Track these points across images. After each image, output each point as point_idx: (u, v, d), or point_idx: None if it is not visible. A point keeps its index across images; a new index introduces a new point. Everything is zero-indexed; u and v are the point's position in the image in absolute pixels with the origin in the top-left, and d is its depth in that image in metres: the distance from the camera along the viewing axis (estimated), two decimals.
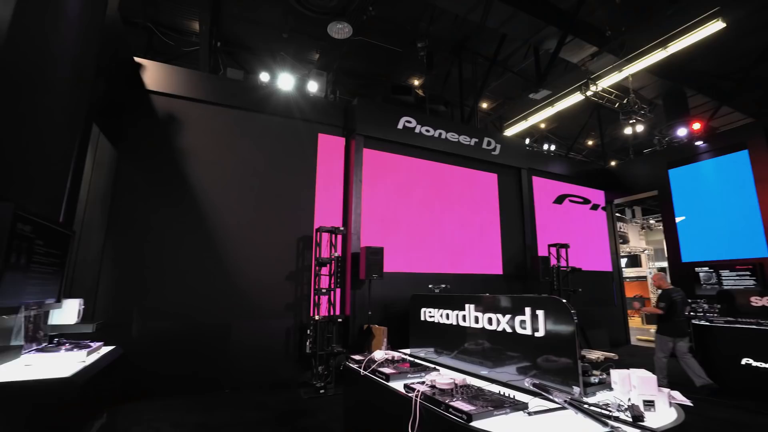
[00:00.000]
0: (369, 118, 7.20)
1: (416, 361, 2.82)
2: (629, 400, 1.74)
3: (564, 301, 1.97)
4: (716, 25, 7.68)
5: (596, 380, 1.99)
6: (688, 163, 9.27)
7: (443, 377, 2.03)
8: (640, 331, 12.93)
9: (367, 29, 9.06)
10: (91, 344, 2.65)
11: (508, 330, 2.29)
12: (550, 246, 8.33)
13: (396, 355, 2.82)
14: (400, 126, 7.48)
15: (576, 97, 10.59)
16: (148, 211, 5.50)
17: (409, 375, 2.33)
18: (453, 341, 2.79)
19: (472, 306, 2.58)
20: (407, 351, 3.30)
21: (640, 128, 11.80)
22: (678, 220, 9.25)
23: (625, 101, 10.69)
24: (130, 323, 5.13)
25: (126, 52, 5.57)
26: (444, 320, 2.88)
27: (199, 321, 5.50)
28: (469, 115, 11.07)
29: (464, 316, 2.66)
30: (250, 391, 5.44)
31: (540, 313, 2.08)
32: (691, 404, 1.84)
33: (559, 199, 9.71)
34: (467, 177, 8.20)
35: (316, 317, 5.76)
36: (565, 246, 8.16)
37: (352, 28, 8.04)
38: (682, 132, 9.43)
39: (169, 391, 5.07)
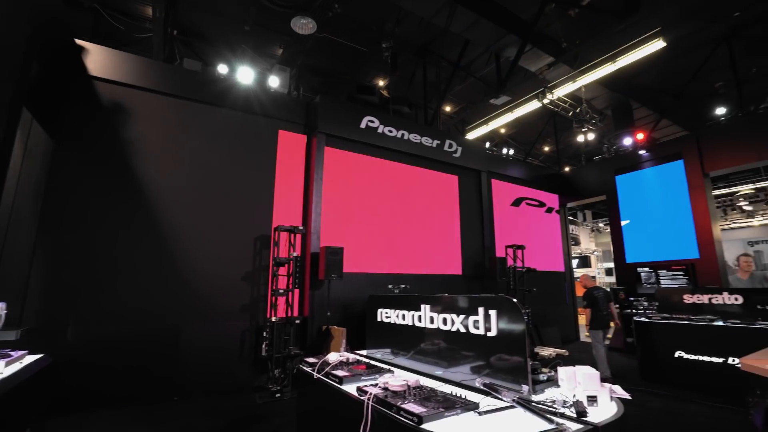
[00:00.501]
0: (331, 116, 7.10)
1: (372, 362, 2.78)
2: (574, 396, 1.80)
3: (515, 300, 2.00)
4: (658, 44, 8.25)
5: (545, 377, 2.05)
6: (632, 170, 9.93)
7: (396, 379, 2.00)
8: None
9: (333, 26, 8.94)
10: (12, 353, 2.39)
11: (462, 330, 2.31)
12: (507, 247, 8.61)
13: (351, 357, 2.76)
14: (362, 125, 7.44)
15: (534, 105, 11.04)
16: (88, 205, 5.09)
17: (363, 377, 2.29)
18: (409, 342, 2.78)
19: (428, 306, 2.58)
20: (364, 352, 3.26)
21: (591, 136, 12.50)
22: (623, 223, 9.88)
23: (578, 110, 11.27)
24: (65, 329, 4.71)
25: (66, 33, 5.13)
26: (400, 321, 2.86)
27: (146, 324, 5.16)
28: (432, 118, 11.23)
29: (420, 317, 2.65)
30: (202, 397, 5.18)
31: (492, 312, 2.11)
32: (630, 398, 1.93)
33: (517, 202, 10.07)
34: (429, 178, 8.30)
35: (273, 319, 5.59)
36: (521, 247, 8.47)
37: (317, 24, 7.90)
38: (627, 141, 10.08)
39: (110, 402, 4.71)
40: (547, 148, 17.05)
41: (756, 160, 8.09)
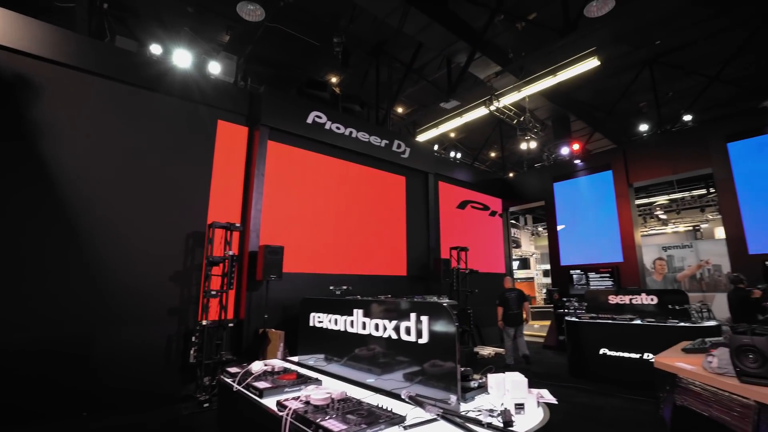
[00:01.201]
0: (276, 108, 6.77)
1: (301, 371, 2.60)
2: (502, 404, 1.76)
3: (446, 305, 1.94)
4: (593, 63, 8.78)
5: (476, 384, 2.01)
6: (568, 178, 10.57)
7: (320, 391, 1.85)
8: (526, 326, 14.40)
9: (284, 17, 8.56)
10: None
11: (394, 336, 2.21)
12: (452, 249, 8.77)
13: (279, 365, 2.57)
14: (309, 120, 7.18)
15: (481, 111, 11.36)
16: None
17: (286, 389, 2.11)
18: (342, 348, 2.65)
19: (360, 311, 2.46)
20: (296, 359, 3.07)
21: (533, 145, 13.16)
22: (559, 228, 10.49)
23: (521, 119, 11.78)
24: None
25: None
26: (333, 326, 2.71)
27: (54, 331, 4.53)
28: (384, 118, 11.19)
29: (352, 322, 2.52)
30: (121, 411, 4.65)
31: (424, 318, 2.03)
32: (556, 402, 1.94)
33: (462, 205, 10.31)
34: (376, 178, 8.22)
35: (204, 322, 5.18)
36: (465, 249, 8.67)
37: (266, 12, 7.51)
38: (565, 151, 10.71)
39: (8, 419, 4.06)
40: (493, 154, 17.72)
41: (671, 174, 8.94)
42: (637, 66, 10.80)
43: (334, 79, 11.71)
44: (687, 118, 9.37)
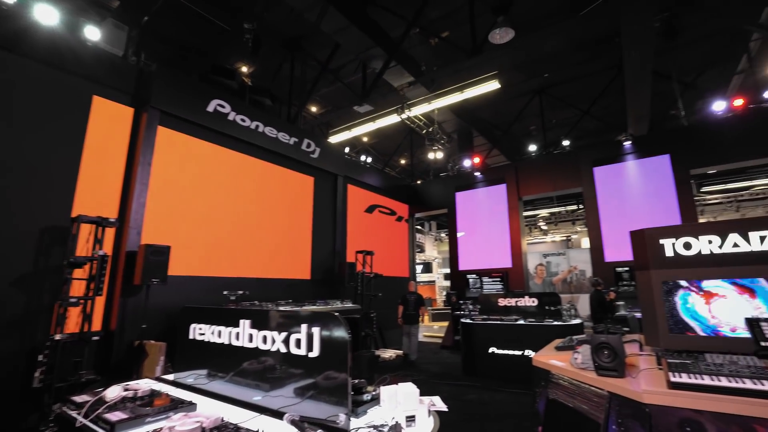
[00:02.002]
0: (170, 90, 6.01)
1: (175, 393, 2.25)
2: (393, 418, 1.71)
3: (338, 315, 1.83)
4: (494, 85, 9.52)
5: (368, 397, 1.93)
6: (469, 188, 11.39)
7: (190, 420, 1.58)
8: (426, 328, 15.12)
9: None
10: None
11: (283, 350, 2.02)
12: (357, 252, 8.75)
13: (146, 387, 2.18)
14: (210, 109, 6.53)
15: (393, 118, 11.62)
16: None
17: (148, 419, 1.77)
18: (227, 363, 2.36)
19: (247, 322, 2.22)
20: (171, 377, 2.66)
21: (440, 155, 13.95)
22: (459, 234, 11.22)
23: (431, 129, 12.37)
24: None
25: None
26: (216, 339, 2.41)
27: None
28: (296, 116, 10.78)
29: (238, 334, 2.26)
30: None
31: (315, 330, 1.89)
32: (447, 409, 1.95)
33: (370, 209, 10.41)
34: (282, 176, 7.83)
35: (57, 336, 4.28)
36: (371, 253, 8.72)
37: None
38: (467, 163, 11.53)
39: None
40: (403, 161, 18.33)
41: (552, 190, 10.21)
42: (529, 94, 12.17)
43: (244, 69, 10.94)
44: (566, 143, 10.81)
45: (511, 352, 6.17)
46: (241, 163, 7.02)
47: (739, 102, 7.87)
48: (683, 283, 2.73)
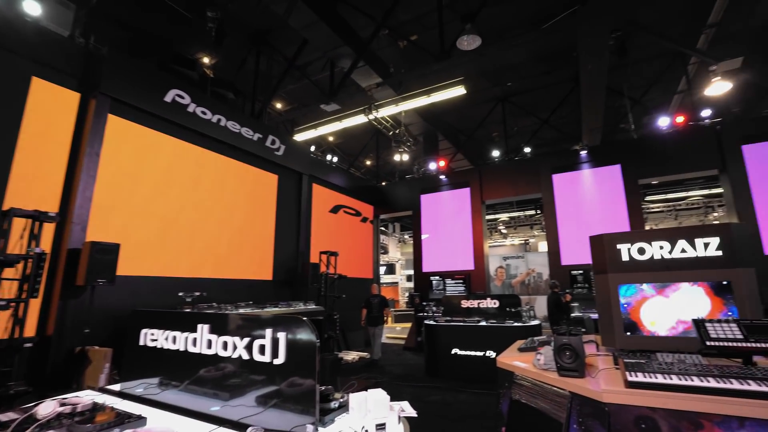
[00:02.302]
0: (123, 76, 5.60)
1: (122, 405, 2.05)
2: (363, 427, 1.65)
3: (306, 319, 1.74)
4: (460, 90, 9.66)
5: (336, 404, 1.85)
6: (434, 191, 11.54)
7: None
8: (389, 329, 15.15)
9: None
10: None
11: (246, 357, 1.90)
12: (321, 253, 8.59)
13: (88, 400, 1.97)
14: (168, 99, 6.16)
15: (360, 119, 11.55)
16: None
17: None
18: (182, 371, 2.19)
19: (206, 327, 2.07)
20: (118, 387, 2.44)
21: (405, 157, 14.05)
22: (423, 237, 11.33)
23: (397, 131, 12.42)
24: None
25: None
26: (170, 345, 2.23)
27: None
28: (260, 111, 10.45)
29: (195, 340, 2.11)
30: None
31: (281, 335, 1.79)
32: (416, 415, 1.92)
33: (335, 209, 10.27)
34: (245, 173, 7.54)
35: None
36: (335, 254, 8.60)
37: None
38: (433, 166, 11.68)
39: None
40: (369, 162, 18.31)
41: (513, 195, 10.56)
42: (493, 101, 12.56)
43: (206, 60, 10.46)
44: (527, 150, 11.23)
45: (473, 352, 6.29)
46: (200, 158, 6.68)
47: (680, 119, 8.53)
48: (637, 286, 2.88)
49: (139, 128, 5.82)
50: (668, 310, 2.78)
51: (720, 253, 2.69)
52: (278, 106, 13.53)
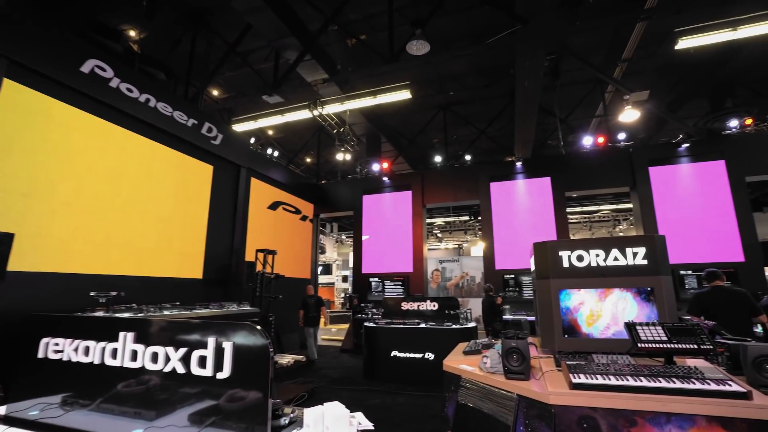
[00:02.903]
0: (26, 36, 4.75)
1: None
2: None
3: (259, 328, 1.55)
4: (405, 94, 9.70)
5: (286, 421, 1.67)
6: (376, 192, 11.52)
7: None
8: (324, 331, 14.82)
9: None
10: None
11: (182, 370, 1.63)
12: (258, 251, 8.11)
13: None
14: (85, 69, 5.35)
15: (304, 114, 11.16)
16: None
17: None
18: (96, 387, 1.84)
19: (131, 335, 1.76)
20: (3, 411, 1.99)
21: (348, 157, 13.89)
22: (364, 238, 11.25)
23: (342, 130, 12.22)
24: None
25: None
26: (82, 357, 1.86)
27: None
28: (194, 97, 9.62)
29: (115, 351, 1.78)
30: None
31: (227, 345, 1.56)
32: (373, 427, 1.81)
33: (274, 205, 9.79)
34: (176, 161, 6.85)
35: None
36: (273, 252, 8.17)
37: None
38: (376, 167, 11.66)
39: None
40: (309, 160, 17.86)
41: (453, 200, 10.93)
42: (435, 108, 12.93)
43: (133, 33, 9.39)
44: (468, 157, 11.71)
45: (412, 354, 6.32)
46: (124, 141, 5.91)
47: (601, 140, 9.47)
48: (576, 291, 3.07)
49: (45, 99, 4.97)
50: (602, 313, 2.99)
51: (646, 261, 2.96)
52: (215, 93, 12.65)
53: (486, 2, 7.94)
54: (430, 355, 6.16)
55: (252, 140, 9.33)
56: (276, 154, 11.12)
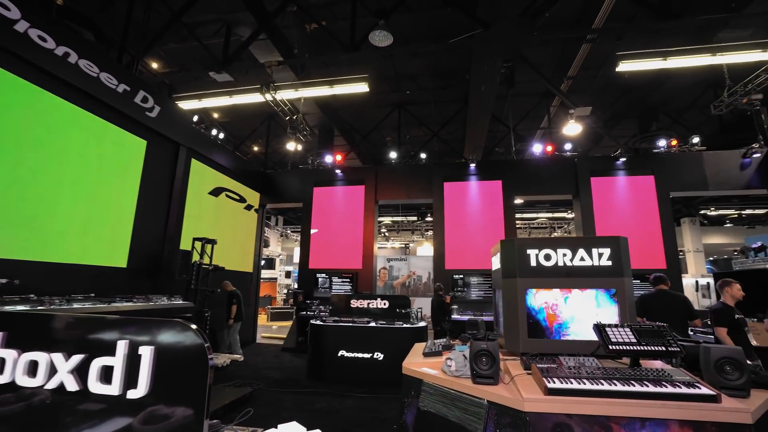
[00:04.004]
0: None
1: None
2: None
3: (195, 327, 1.16)
4: (363, 87, 9.36)
5: None
6: (328, 185, 11.08)
7: None
8: (265, 328, 14.04)
9: None
10: None
11: (74, 387, 1.19)
12: (195, 239, 7.31)
13: None
14: None
15: (255, 97, 10.41)
16: None
17: None
18: None
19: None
20: None
21: (300, 147, 13.25)
22: (313, 231, 10.75)
23: (295, 118, 11.60)
24: None
25: None
26: None
27: None
28: (128, 65, 8.54)
29: None
30: None
31: (146, 351, 1.15)
32: None
33: (216, 191, 8.98)
34: (101, 131, 5.90)
35: None
36: (213, 242, 7.43)
37: None
38: (329, 159, 11.21)
39: None
40: (256, 148, 16.92)
41: (406, 198, 10.81)
42: (390, 106, 12.80)
43: None
44: (423, 155, 11.66)
45: (361, 354, 6.02)
46: (31, 98, 4.94)
47: (549, 148, 9.88)
48: (540, 290, 2.97)
49: None
50: (567, 314, 2.92)
51: (610, 263, 2.93)
52: (154, 65, 11.43)
53: (449, 3, 7.91)
54: (379, 355, 5.91)
55: (195, 118, 8.39)
56: (221, 136, 10.19)
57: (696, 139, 9.63)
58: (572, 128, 8.99)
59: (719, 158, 9.39)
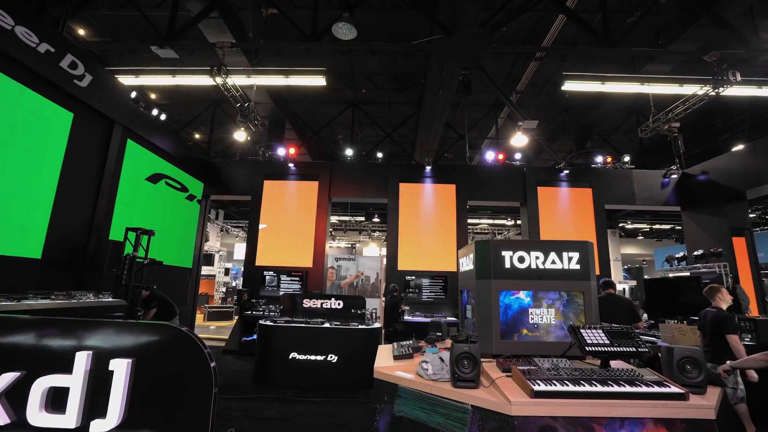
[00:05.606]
0: None
1: None
2: None
3: (194, 335, 0.93)
4: (320, 80, 9.05)
5: None
6: (280, 179, 10.56)
7: None
8: (202, 328, 13.06)
9: None
10: None
11: (2, 420, 0.89)
12: (128, 229, 6.50)
13: None
14: None
15: (202, 79, 9.61)
16: None
17: None
18: None
19: None
20: None
21: (248, 138, 12.52)
22: (261, 226, 10.18)
23: (246, 105, 10.93)
24: None
25: None
26: None
27: None
28: (53, 24, 7.44)
29: None
30: None
31: (120, 365, 0.89)
32: None
33: (155, 178, 8.12)
34: (12, 96, 5.01)
35: None
36: (150, 233, 6.67)
37: None
38: (281, 152, 10.69)
39: None
40: (198, 136, 15.77)
41: (360, 197, 10.63)
42: (345, 104, 12.62)
43: None
44: (380, 155, 11.59)
45: (313, 357, 5.73)
46: None
47: (501, 156, 10.30)
48: (515, 292, 2.99)
49: None
50: (539, 316, 2.97)
51: (579, 267, 3.04)
52: (80, 32, 10.16)
53: (412, 5, 7.92)
54: (333, 357, 5.69)
55: (134, 94, 7.41)
56: (163, 117, 9.20)
57: (627, 158, 10.64)
58: (519, 139, 9.45)
59: (645, 176, 10.45)
